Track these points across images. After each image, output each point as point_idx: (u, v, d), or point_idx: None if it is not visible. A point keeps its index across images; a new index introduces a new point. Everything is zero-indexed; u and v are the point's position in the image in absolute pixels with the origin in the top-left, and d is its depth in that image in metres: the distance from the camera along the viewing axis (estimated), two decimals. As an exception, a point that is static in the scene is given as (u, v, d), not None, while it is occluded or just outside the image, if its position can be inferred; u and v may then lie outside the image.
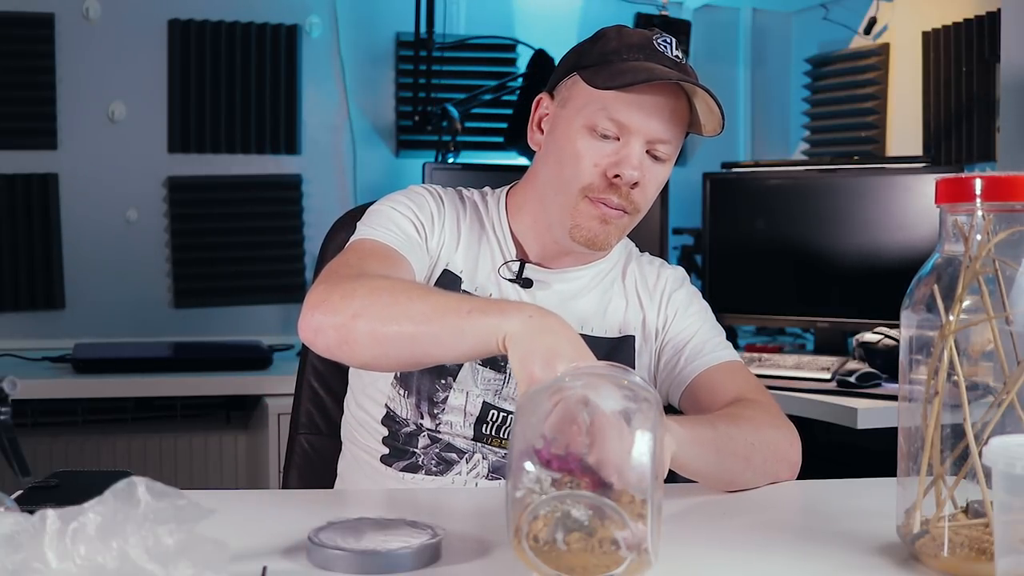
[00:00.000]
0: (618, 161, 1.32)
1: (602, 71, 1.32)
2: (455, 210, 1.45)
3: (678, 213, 3.22)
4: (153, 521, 0.79)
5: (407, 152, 3.31)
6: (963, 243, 0.96)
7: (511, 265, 1.43)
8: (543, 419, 0.91)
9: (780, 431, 1.34)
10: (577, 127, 1.34)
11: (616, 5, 3.43)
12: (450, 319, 1.08)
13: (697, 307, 1.50)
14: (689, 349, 1.45)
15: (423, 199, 1.43)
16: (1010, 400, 0.94)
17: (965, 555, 0.93)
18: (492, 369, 1.39)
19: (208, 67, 3.10)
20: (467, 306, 1.09)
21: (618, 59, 1.33)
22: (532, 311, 1.06)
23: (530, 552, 0.87)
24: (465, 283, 1.41)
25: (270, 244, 3.18)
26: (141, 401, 2.90)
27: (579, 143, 1.34)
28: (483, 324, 1.06)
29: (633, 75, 1.29)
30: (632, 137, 1.33)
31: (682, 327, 1.47)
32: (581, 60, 1.37)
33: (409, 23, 3.18)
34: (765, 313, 2.86)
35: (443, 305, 1.10)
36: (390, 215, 1.39)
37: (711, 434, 1.21)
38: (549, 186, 1.39)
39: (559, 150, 1.37)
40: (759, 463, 1.28)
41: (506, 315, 1.06)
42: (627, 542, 0.86)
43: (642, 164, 1.33)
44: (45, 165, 2.98)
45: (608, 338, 1.44)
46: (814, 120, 3.45)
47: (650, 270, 1.52)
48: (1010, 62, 2.49)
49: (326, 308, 1.14)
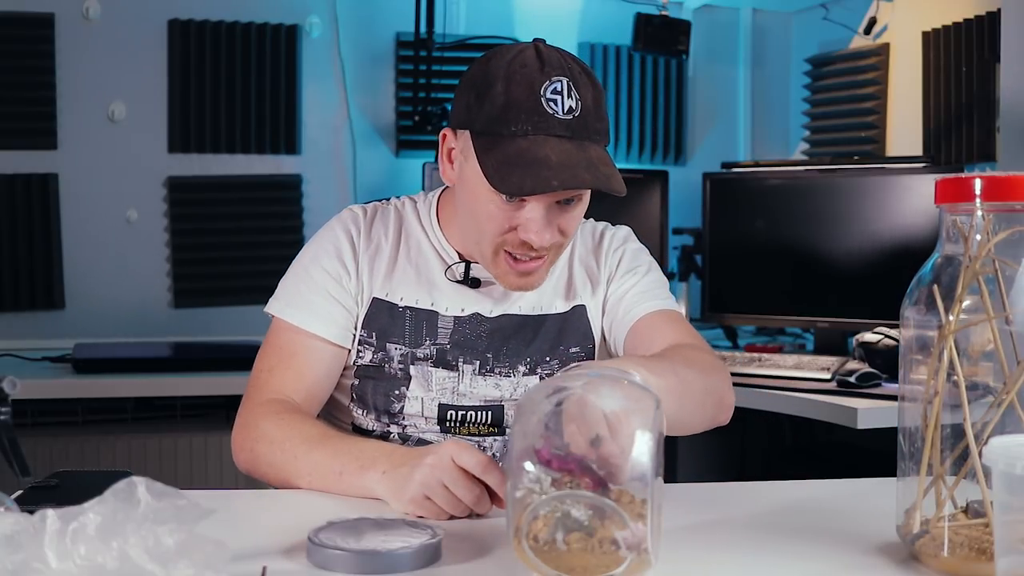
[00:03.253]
0: (525, 227, 1.32)
1: (491, 151, 1.28)
2: (378, 239, 1.46)
3: (678, 213, 3.22)
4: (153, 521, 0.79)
5: (407, 152, 3.31)
6: (963, 243, 0.96)
7: (456, 269, 1.45)
8: (543, 419, 0.91)
9: (720, 375, 1.37)
10: (481, 191, 1.32)
11: (616, 5, 3.43)
12: (329, 481, 1.24)
13: (640, 260, 1.53)
14: (631, 296, 1.48)
15: (337, 244, 1.45)
16: (1010, 400, 0.94)
17: (965, 555, 0.93)
18: (444, 368, 1.43)
19: (208, 67, 3.10)
20: (338, 467, 1.23)
21: (506, 131, 1.27)
22: (385, 465, 1.18)
23: (530, 552, 0.88)
24: (407, 300, 1.44)
25: (270, 244, 3.18)
26: (141, 401, 2.89)
27: (486, 206, 1.32)
28: (353, 486, 1.21)
29: (520, 177, 1.25)
30: (535, 202, 1.31)
31: (624, 275, 1.50)
32: (472, 118, 1.31)
33: (409, 23, 3.18)
34: (765, 313, 2.86)
35: (322, 466, 1.25)
36: (306, 279, 1.44)
37: (675, 381, 1.21)
38: (470, 232, 1.39)
39: (470, 204, 1.36)
40: (710, 407, 1.32)
41: (365, 477, 1.20)
42: (627, 542, 0.86)
43: (551, 222, 1.32)
44: (45, 165, 2.98)
45: (559, 313, 1.48)
46: (814, 120, 3.45)
47: (593, 235, 1.55)
48: (1010, 62, 2.48)
49: (244, 461, 1.35)
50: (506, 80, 1.28)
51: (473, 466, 1.10)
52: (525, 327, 1.46)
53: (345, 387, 1.46)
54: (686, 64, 3.59)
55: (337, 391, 1.47)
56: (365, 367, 1.44)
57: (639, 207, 3.07)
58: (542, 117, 1.27)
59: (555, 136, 1.27)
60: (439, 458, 1.12)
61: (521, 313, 1.46)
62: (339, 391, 1.47)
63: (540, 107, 1.27)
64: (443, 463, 1.11)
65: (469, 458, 1.11)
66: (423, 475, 1.12)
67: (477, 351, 1.44)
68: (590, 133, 1.30)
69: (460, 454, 1.11)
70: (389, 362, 1.43)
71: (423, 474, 1.12)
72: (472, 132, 1.32)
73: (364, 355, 1.43)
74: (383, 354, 1.43)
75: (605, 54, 3.50)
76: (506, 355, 1.44)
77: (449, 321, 1.44)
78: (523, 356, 1.45)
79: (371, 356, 1.43)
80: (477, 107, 1.31)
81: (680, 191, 3.29)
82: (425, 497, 1.12)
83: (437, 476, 1.11)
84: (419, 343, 1.43)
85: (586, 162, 1.27)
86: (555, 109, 1.27)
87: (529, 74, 1.28)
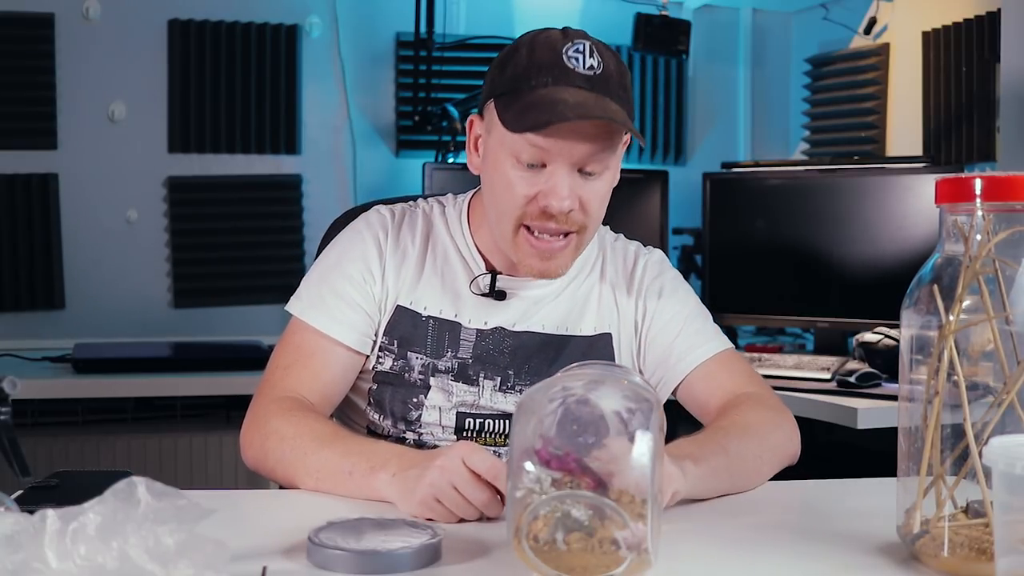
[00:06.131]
0: (546, 192, 1.30)
1: (511, 105, 1.29)
2: (405, 245, 1.44)
3: (678, 213, 3.23)
4: (153, 521, 0.79)
5: (407, 152, 3.31)
6: (963, 243, 0.96)
7: (481, 281, 1.43)
8: (543, 419, 0.91)
9: (782, 430, 1.35)
10: (503, 157, 1.32)
11: (616, 5, 3.42)
12: (337, 480, 1.21)
13: (681, 294, 1.49)
14: (680, 343, 1.44)
15: (364, 248, 1.43)
16: (1010, 400, 0.94)
17: (965, 555, 0.93)
18: (465, 383, 1.41)
19: (208, 67, 3.10)
20: (347, 466, 1.20)
21: (526, 87, 1.28)
22: (395, 467, 1.16)
23: (530, 552, 0.88)
24: (431, 310, 1.42)
25: (270, 244, 3.18)
26: (141, 401, 2.90)
27: (509, 174, 1.32)
28: (362, 486, 1.19)
29: (537, 114, 1.25)
30: (556, 165, 1.30)
31: (667, 318, 1.46)
32: (495, 86, 1.33)
33: (409, 23, 3.18)
34: (765, 313, 2.86)
35: (331, 464, 1.22)
36: (329, 282, 1.42)
37: (724, 461, 1.23)
38: (492, 212, 1.38)
39: (492, 179, 1.36)
40: (767, 469, 1.32)
41: (375, 478, 1.17)
42: (627, 542, 0.86)
43: (572, 190, 1.31)
44: (45, 165, 2.98)
45: (583, 336, 1.45)
46: (814, 120, 3.45)
47: (625, 260, 1.51)
48: (1010, 62, 2.48)
49: (252, 457, 1.31)
50: (530, 46, 1.31)
51: (485, 469, 1.08)
52: (548, 346, 1.43)
53: (363, 390, 1.44)
54: (686, 64, 3.59)
55: (354, 393, 1.45)
56: (384, 373, 1.42)
57: (639, 207, 3.07)
58: (563, 71, 1.28)
59: (575, 87, 1.28)
60: (449, 459, 1.09)
61: (545, 332, 1.43)
62: (356, 394, 1.45)
63: (561, 62, 1.29)
64: (454, 465, 1.09)
65: (481, 461, 1.08)
66: (433, 477, 1.09)
67: (499, 367, 1.42)
68: (611, 91, 1.29)
69: (471, 456, 1.09)
70: (409, 371, 1.41)
71: (433, 476, 1.09)
72: (495, 98, 1.33)
73: (384, 362, 1.41)
74: (403, 362, 1.41)
75: (605, 54, 3.50)
76: (527, 373, 1.41)
77: (472, 334, 1.42)
78: (544, 376, 1.39)
79: (391, 363, 1.41)
80: (499, 75, 1.33)
81: (680, 191, 3.29)
82: (435, 499, 1.09)
83: (447, 478, 1.09)
84: (441, 354, 1.41)
85: (603, 107, 1.27)
86: (576, 64, 1.29)
87: (552, 39, 1.32)
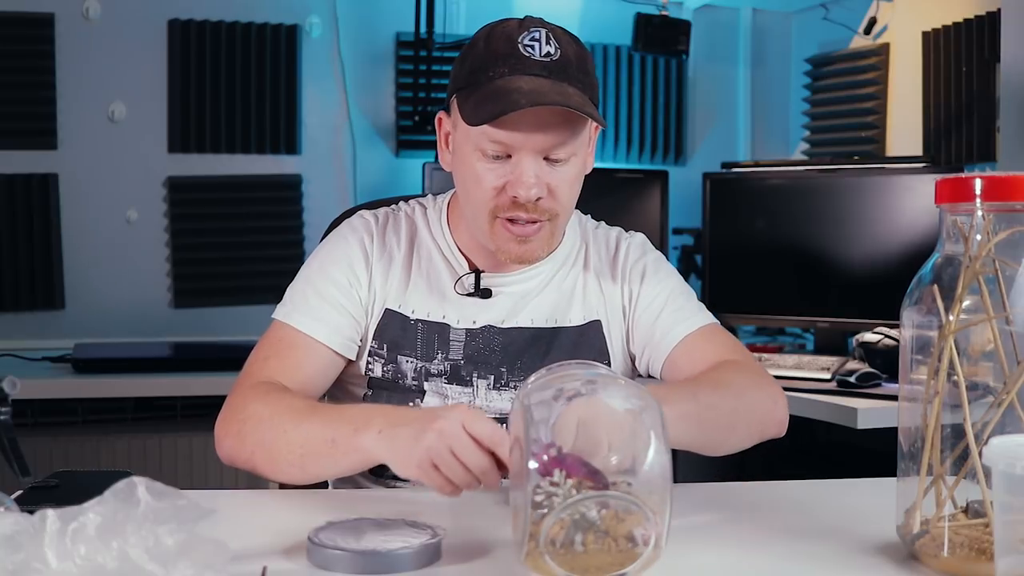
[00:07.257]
0: (513, 182, 1.30)
1: (470, 97, 1.29)
2: (391, 249, 1.44)
3: (678, 213, 3.23)
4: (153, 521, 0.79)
5: (407, 152, 3.31)
6: (963, 243, 0.96)
7: (465, 280, 1.43)
8: (547, 421, 0.90)
9: (763, 391, 1.34)
10: (469, 151, 1.32)
11: (616, 5, 3.43)
12: (321, 452, 1.16)
13: (663, 274, 1.49)
14: (663, 319, 1.44)
15: (348, 252, 1.42)
16: (1010, 400, 0.94)
17: (965, 555, 0.93)
18: (459, 384, 1.41)
19: (208, 67, 3.10)
20: (330, 434, 1.16)
21: (484, 77, 1.28)
22: (380, 424, 1.12)
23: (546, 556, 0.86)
24: (418, 312, 1.42)
25: (270, 244, 3.18)
26: (141, 401, 2.90)
27: (476, 167, 1.32)
28: (349, 452, 1.14)
29: (492, 105, 1.25)
30: (521, 155, 1.30)
31: (651, 298, 1.46)
32: (456, 81, 1.34)
33: (409, 23, 3.19)
34: (765, 313, 2.86)
35: (313, 437, 1.17)
36: (313, 286, 1.40)
37: (693, 407, 1.21)
38: (467, 208, 1.39)
39: (463, 174, 1.36)
40: (743, 428, 1.30)
41: (361, 438, 1.12)
42: (644, 537, 0.86)
43: (539, 178, 1.30)
44: (45, 165, 2.98)
45: (573, 327, 1.45)
46: (814, 120, 3.45)
47: (608, 246, 1.51)
48: (1010, 62, 2.49)
49: (228, 447, 1.25)
50: (487, 38, 1.31)
51: (487, 435, 1.04)
52: (539, 340, 1.43)
53: (357, 396, 1.44)
54: (686, 64, 3.59)
55: (348, 400, 1.45)
56: (378, 379, 1.41)
57: (639, 207, 3.08)
58: (519, 60, 1.28)
59: (531, 75, 1.27)
60: (450, 423, 1.05)
61: (534, 326, 1.43)
62: (350, 400, 1.45)
63: (517, 51, 1.28)
64: (454, 429, 1.05)
65: (482, 427, 1.05)
66: (431, 440, 1.05)
67: (491, 365, 1.41)
68: (569, 76, 1.28)
69: (473, 422, 1.05)
70: (402, 377, 1.40)
71: (431, 439, 1.05)
72: (456, 92, 1.33)
73: (374, 368, 1.41)
74: (394, 367, 1.40)
75: (605, 54, 3.50)
76: (520, 369, 1.41)
77: (461, 334, 1.41)
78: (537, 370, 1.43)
79: (382, 369, 1.41)
80: (460, 69, 1.33)
81: (680, 191, 3.29)
82: (432, 465, 1.06)
83: (446, 443, 1.05)
84: (431, 357, 1.41)
85: (559, 92, 1.26)
86: (531, 52, 1.28)
87: (508, 29, 1.31)
